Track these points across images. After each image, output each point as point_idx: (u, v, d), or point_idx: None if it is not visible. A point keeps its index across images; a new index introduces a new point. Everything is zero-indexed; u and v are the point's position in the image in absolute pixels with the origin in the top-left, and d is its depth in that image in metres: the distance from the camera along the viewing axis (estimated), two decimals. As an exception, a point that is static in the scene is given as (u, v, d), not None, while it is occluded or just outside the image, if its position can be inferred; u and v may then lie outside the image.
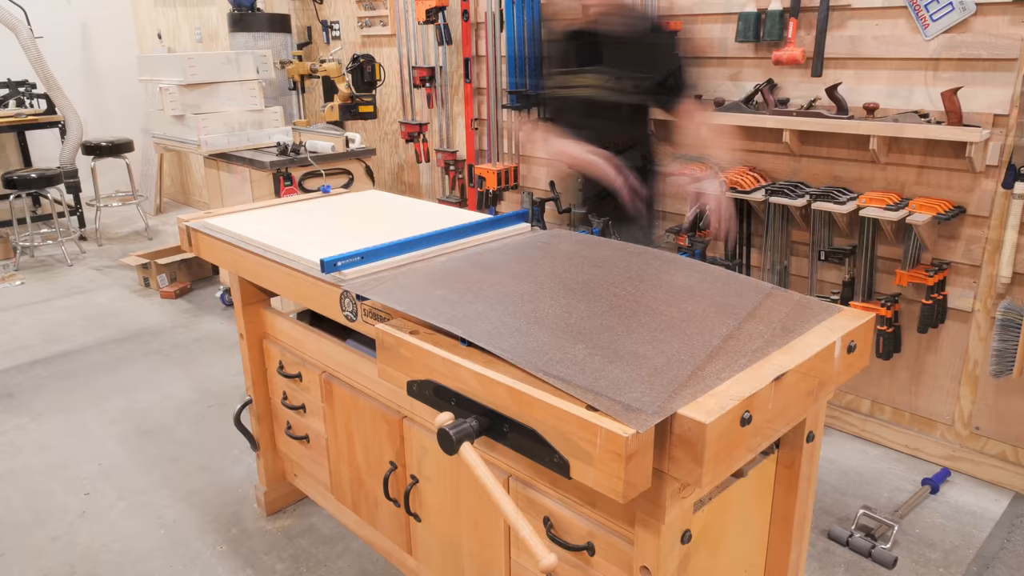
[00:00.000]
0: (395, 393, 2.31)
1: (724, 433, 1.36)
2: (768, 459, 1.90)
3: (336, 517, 2.94)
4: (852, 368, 1.77)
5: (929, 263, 3.45)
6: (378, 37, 6.44)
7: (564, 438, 1.40)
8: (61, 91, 7.90)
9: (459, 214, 2.91)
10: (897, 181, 3.48)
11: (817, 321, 1.76)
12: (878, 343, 3.56)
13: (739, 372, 1.51)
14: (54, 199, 7.66)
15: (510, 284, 2.01)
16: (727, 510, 1.77)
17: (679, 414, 1.35)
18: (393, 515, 2.51)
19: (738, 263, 4.05)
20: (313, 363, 2.72)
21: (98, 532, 3.25)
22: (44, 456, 3.85)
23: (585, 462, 1.38)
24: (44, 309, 6.02)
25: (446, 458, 2.14)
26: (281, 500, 3.36)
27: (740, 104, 3.77)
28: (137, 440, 3.97)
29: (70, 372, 4.82)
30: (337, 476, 2.78)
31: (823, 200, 3.48)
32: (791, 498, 1.94)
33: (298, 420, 2.92)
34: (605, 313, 1.80)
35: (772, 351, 1.61)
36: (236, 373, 4.72)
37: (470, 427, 1.55)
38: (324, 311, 2.29)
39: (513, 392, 1.48)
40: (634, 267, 2.11)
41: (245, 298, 2.99)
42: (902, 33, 3.33)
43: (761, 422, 1.47)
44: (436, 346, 1.69)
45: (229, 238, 2.71)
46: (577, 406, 1.40)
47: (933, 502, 3.35)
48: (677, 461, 1.38)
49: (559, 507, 1.76)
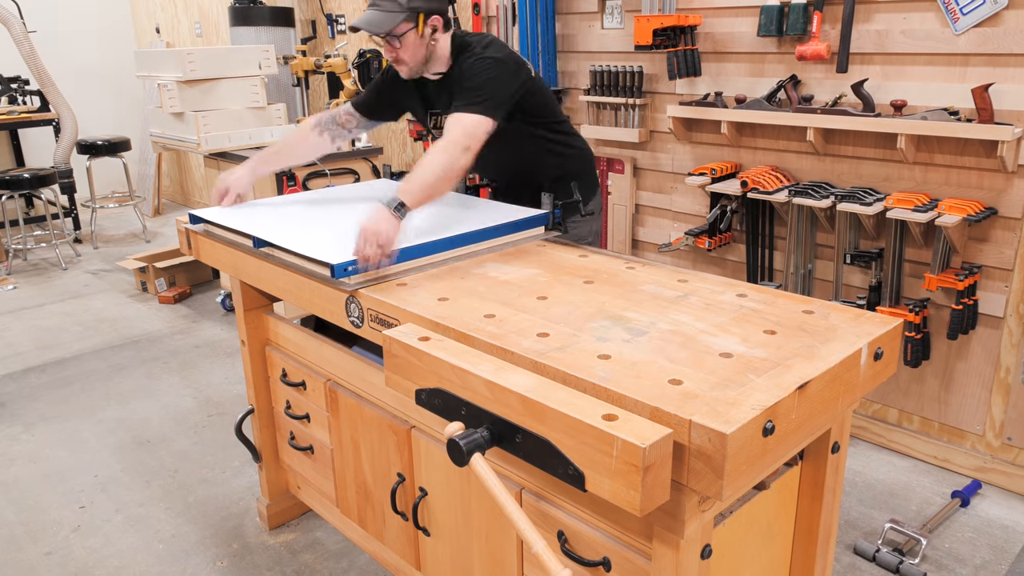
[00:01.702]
0: (403, 402, 2.32)
1: (746, 444, 1.37)
2: (791, 471, 1.90)
3: (341, 531, 2.95)
4: (879, 376, 1.77)
5: (959, 267, 3.45)
6: (385, 32, 6.44)
7: (579, 449, 1.41)
8: (55, 88, 7.94)
9: (470, 201, 2.97)
10: (926, 181, 3.48)
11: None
12: (906, 350, 3.55)
13: (760, 379, 1.52)
14: (48, 200, 7.71)
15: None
16: (749, 524, 1.78)
17: (698, 423, 1.36)
18: (401, 529, 2.51)
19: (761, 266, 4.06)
20: (317, 371, 2.73)
21: (94, 547, 3.27)
22: (37, 467, 3.87)
23: (601, 474, 1.38)
24: (37, 315, 6.06)
25: (456, 470, 2.15)
26: (284, 514, 3.37)
27: (762, 101, 3.77)
28: (134, 451, 3.99)
29: (64, 380, 4.85)
30: (343, 488, 2.79)
31: (849, 201, 3.47)
32: (815, 511, 1.95)
33: (302, 430, 2.94)
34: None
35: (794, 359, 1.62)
36: (237, 381, 4.74)
37: (481, 437, 1.56)
38: (329, 317, 2.30)
39: (526, 401, 1.49)
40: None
41: (247, 303, 3.01)
42: (931, 27, 3.33)
43: (784, 432, 1.47)
44: (447, 353, 1.70)
45: (232, 236, 2.72)
46: (593, 415, 1.41)
47: (963, 516, 3.34)
48: (697, 473, 1.39)
49: (574, 521, 1.77)
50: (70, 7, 9.32)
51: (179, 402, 4.51)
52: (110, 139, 8.11)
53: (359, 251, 2.23)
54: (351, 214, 2.75)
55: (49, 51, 8.48)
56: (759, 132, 3.96)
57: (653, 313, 1.92)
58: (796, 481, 1.94)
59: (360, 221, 2.29)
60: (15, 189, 7.18)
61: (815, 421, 1.58)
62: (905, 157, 3.44)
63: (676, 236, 4.41)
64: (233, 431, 3.13)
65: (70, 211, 8.34)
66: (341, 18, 6.89)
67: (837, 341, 1.70)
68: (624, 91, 4.46)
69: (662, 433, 1.35)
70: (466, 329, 1.85)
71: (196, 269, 6.54)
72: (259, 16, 6.41)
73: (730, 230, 4.14)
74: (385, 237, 2.27)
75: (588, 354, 1.68)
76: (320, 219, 2.79)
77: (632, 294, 2.07)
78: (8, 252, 7.40)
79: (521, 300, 2.05)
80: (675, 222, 4.51)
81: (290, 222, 2.74)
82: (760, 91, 3.89)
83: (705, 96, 4.08)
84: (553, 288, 2.13)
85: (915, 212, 3.30)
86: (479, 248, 2.51)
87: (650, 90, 4.44)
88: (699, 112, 4.03)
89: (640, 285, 2.14)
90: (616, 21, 4.52)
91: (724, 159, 4.15)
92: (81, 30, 9.43)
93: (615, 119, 4.60)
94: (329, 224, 2.69)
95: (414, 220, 2.54)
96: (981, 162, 3.30)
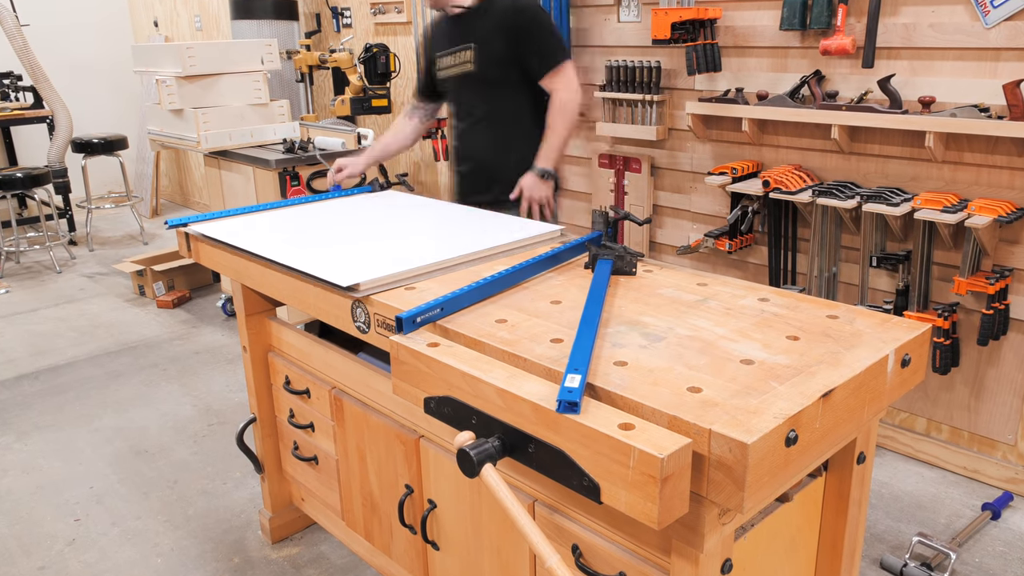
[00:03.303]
0: (411, 411, 2.33)
1: (768, 454, 1.37)
2: (815, 482, 1.91)
3: (347, 545, 2.96)
4: (906, 384, 1.77)
5: (990, 269, 3.44)
6: (393, 25, 6.48)
7: (594, 459, 1.42)
8: (49, 83, 7.98)
9: (491, 218, 2.91)
10: (955, 181, 3.48)
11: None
12: (934, 356, 3.55)
13: (783, 387, 1.53)
14: (42, 200, 7.73)
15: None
16: (771, 537, 1.78)
17: (718, 433, 1.37)
18: (409, 543, 2.52)
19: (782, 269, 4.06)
20: (322, 378, 2.75)
21: (89, 561, 3.29)
22: (31, 479, 3.89)
23: (617, 485, 1.39)
24: (31, 320, 6.09)
25: (466, 481, 2.16)
26: (288, 527, 3.39)
27: (785, 97, 3.78)
28: (131, 461, 4.01)
29: (59, 388, 4.87)
30: (348, 500, 2.80)
31: (875, 201, 3.48)
32: (840, 524, 1.95)
33: (306, 440, 2.95)
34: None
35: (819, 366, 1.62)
36: (239, 389, 4.76)
37: (492, 447, 1.57)
38: (334, 322, 2.31)
39: (539, 409, 1.50)
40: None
41: (248, 308, 3.02)
42: (960, 20, 3.33)
43: (808, 442, 1.48)
44: (456, 360, 1.71)
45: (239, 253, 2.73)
46: (609, 424, 1.41)
47: (994, 529, 3.34)
48: (717, 484, 1.39)
49: (588, 534, 1.78)
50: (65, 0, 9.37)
51: (178, 410, 4.53)
52: (106, 137, 8.14)
53: (531, 214, 3.21)
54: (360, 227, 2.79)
55: (43, 45, 8.50)
56: (782, 130, 3.96)
57: (671, 318, 1.93)
58: (820, 493, 1.94)
59: (524, 188, 3.38)
60: (7, 189, 7.21)
61: (840, 430, 1.58)
62: (933, 156, 3.44)
63: (695, 238, 4.42)
64: (234, 441, 3.14)
65: (65, 212, 8.37)
66: (347, 11, 6.90)
67: (863, 347, 1.71)
68: (641, 87, 4.47)
69: (681, 443, 1.35)
70: (477, 335, 1.86)
71: (196, 272, 6.56)
72: (261, 9, 6.43)
73: (751, 232, 4.14)
74: (542, 197, 3.40)
75: (603, 361, 1.69)
76: (337, 235, 2.74)
77: (649, 298, 2.08)
78: (0, 255, 7.44)
79: (534, 304, 2.05)
80: (694, 223, 4.51)
81: (299, 237, 2.71)
82: (783, 87, 3.89)
83: (725, 92, 4.09)
84: (567, 292, 2.14)
85: (944, 213, 3.30)
86: (492, 252, 2.51)
87: (668, 86, 4.45)
88: (719, 109, 4.04)
89: (657, 289, 2.15)
90: (633, 14, 4.53)
91: (745, 158, 4.15)
92: (76, 23, 9.48)
93: (632, 116, 4.60)
94: (340, 239, 2.67)
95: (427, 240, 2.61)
96: (1013, 161, 3.30)
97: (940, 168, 3.51)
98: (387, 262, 2.34)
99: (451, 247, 2.49)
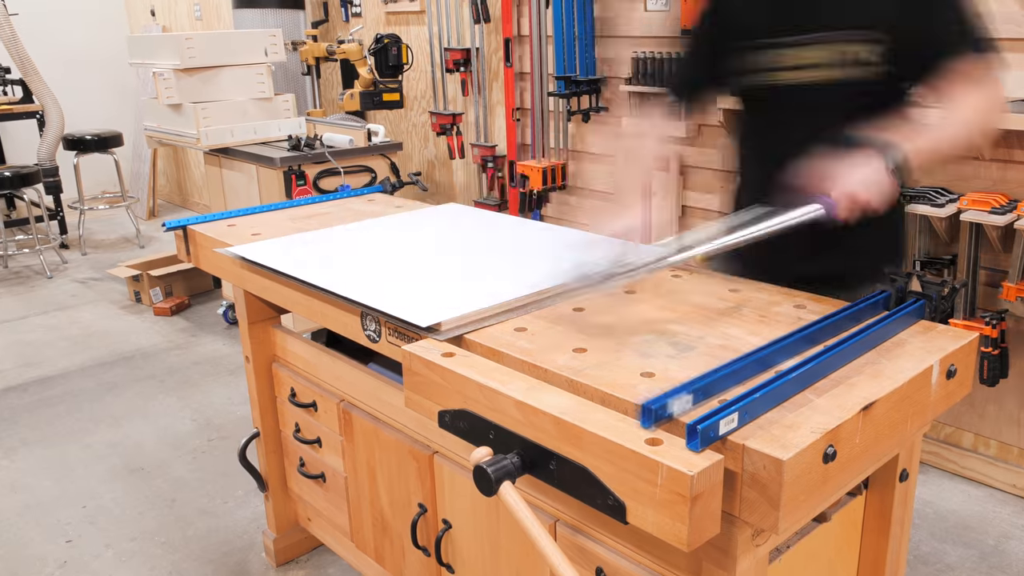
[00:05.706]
0: (424, 425, 2.34)
1: (804, 471, 1.37)
2: (855, 501, 1.91)
3: (356, 568, 2.97)
4: (952, 396, 1.77)
5: (1044, 275, 3.44)
6: (405, 14, 6.49)
7: (619, 476, 1.42)
8: (39, 76, 8.02)
9: (573, 236, 2.66)
10: (1004, 180, 3.47)
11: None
12: (982, 367, 3.53)
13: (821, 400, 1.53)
14: (31, 201, 7.78)
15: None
16: (808, 560, 1.78)
17: (751, 448, 1.37)
18: (423, 565, 2.53)
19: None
20: (330, 390, 2.76)
21: (85, 582, 3.31)
22: (19, 498, 3.91)
23: (644, 504, 1.39)
24: (20, 328, 6.13)
25: (483, 500, 2.16)
26: (293, 548, 3.40)
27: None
28: (127, 479, 4.03)
29: (49, 401, 4.90)
30: (358, 520, 2.81)
31: (918, 202, 3.47)
32: (882, 545, 1.95)
33: (313, 456, 2.96)
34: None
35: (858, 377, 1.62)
36: (241, 402, 4.78)
37: (511, 464, 1.57)
38: (343, 330, 2.31)
39: (561, 424, 1.50)
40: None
41: (252, 315, 3.03)
42: (1010, 10, 3.32)
43: (847, 458, 1.48)
44: (473, 370, 1.72)
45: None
46: (635, 440, 1.42)
47: (1050, 554, 3.33)
48: (750, 503, 1.40)
49: (613, 556, 1.78)
50: (56, -11, 9.43)
51: (176, 425, 4.55)
52: (100, 133, 8.19)
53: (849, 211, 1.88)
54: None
55: (33, 36, 8.53)
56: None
57: (701, 326, 1.93)
58: (860, 512, 1.94)
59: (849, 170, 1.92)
60: (-5, 189, 7.27)
61: (881, 446, 1.58)
62: (981, 154, 3.43)
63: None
64: (236, 457, 3.15)
65: (56, 213, 8.41)
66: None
67: (905, 357, 1.70)
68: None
69: (712, 459, 1.35)
70: (494, 344, 1.87)
71: (195, 277, 6.59)
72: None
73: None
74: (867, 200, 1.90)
75: (629, 371, 1.69)
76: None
77: (678, 305, 2.08)
78: (-12, 259, 7.49)
79: (555, 312, 2.06)
80: (724, 225, 4.50)
81: (341, 257, 2.55)
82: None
83: (758, 85, 4.08)
84: (591, 299, 2.14)
85: (992, 214, 3.29)
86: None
87: (697, 79, 4.44)
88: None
89: (687, 295, 2.15)
90: (661, 2, 4.53)
91: (779, 155, 4.14)
92: (68, 12, 9.52)
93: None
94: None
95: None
96: (1067, 158, 3.29)
97: (988, 167, 3.50)
98: (467, 293, 2.15)
99: (534, 272, 2.27)
